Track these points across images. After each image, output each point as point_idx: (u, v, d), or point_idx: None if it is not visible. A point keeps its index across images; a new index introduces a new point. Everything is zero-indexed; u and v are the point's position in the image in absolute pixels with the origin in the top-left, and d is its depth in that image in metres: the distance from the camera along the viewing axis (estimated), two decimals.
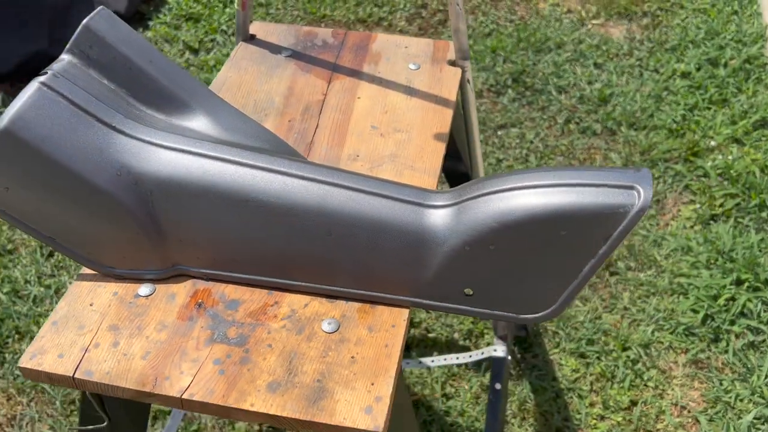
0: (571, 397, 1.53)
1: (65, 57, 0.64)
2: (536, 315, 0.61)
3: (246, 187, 0.62)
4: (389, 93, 0.91)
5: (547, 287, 0.59)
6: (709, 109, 2.19)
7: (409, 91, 0.91)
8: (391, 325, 0.63)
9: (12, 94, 2.16)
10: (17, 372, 1.55)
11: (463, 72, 0.95)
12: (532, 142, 2.15)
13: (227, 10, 2.59)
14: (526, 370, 1.58)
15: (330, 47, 0.99)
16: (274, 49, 0.98)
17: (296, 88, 0.91)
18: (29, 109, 0.59)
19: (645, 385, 1.54)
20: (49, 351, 0.61)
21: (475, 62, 2.44)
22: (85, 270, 0.68)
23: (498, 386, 1.22)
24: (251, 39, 1.00)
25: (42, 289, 1.70)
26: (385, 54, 0.98)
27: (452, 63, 0.96)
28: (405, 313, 0.64)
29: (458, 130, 1.03)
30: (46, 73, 0.62)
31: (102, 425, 0.69)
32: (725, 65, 2.33)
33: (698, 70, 2.33)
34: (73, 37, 0.64)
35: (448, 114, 0.87)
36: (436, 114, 0.87)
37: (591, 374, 1.56)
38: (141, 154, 0.62)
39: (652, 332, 1.63)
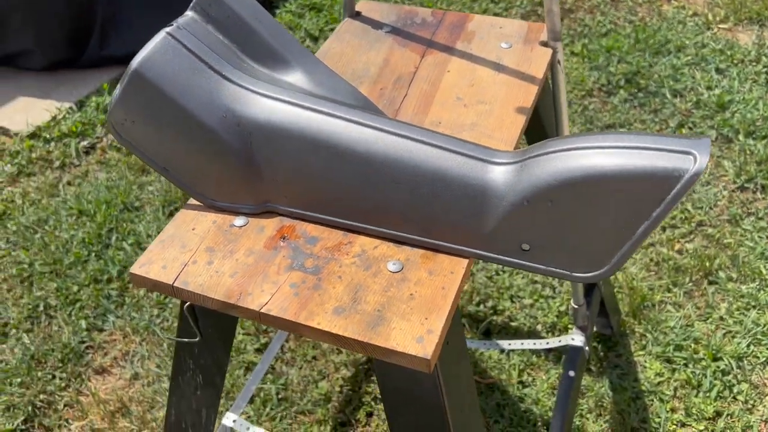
0: (652, 401, 1.50)
1: (189, 13, 0.74)
2: (589, 274, 0.64)
3: (330, 134, 0.70)
4: (478, 68, 0.95)
5: (602, 246, 0.62)
6: None
7: (498, 67, 0.95)
8: (450, 271, 0.69)
9: None
10: (134, 314, 1.73)
11: (554, 52, 0.98)
12: None
13: None
14: (607, 368, 1.56)
15: (428, 25, 1.05)
16: (376, 25, 1.05)
17: (392, 60, 0.98)
18: (156, 53, 0.70)
19: (734, 397, 1.48)
20: (155, 262, 0.72)
21: (589, 61, 2.41)
22: (192, 201, 0.78)
23: (571, 373, 1.23)
24: (357, 15, 1.08)
25: None
26: (479, 33, 1.02)
27: (544, 44, 0.99)
28: (464, 262, 0.69)
29: (547, 110, 1.06)
30: (172, 25, 0.72)
31: (195, 339, 0.79)
32: None
33: None
34: None
35: (533, 90, 0.90)
36: (520, 89, 0.91)
37: (675, 380, 1.52)
38: (244, 100, 0.71)
39: (748, 345, 1.56)
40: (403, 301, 0.66)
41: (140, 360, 1.66)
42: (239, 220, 0.75)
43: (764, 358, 1.54)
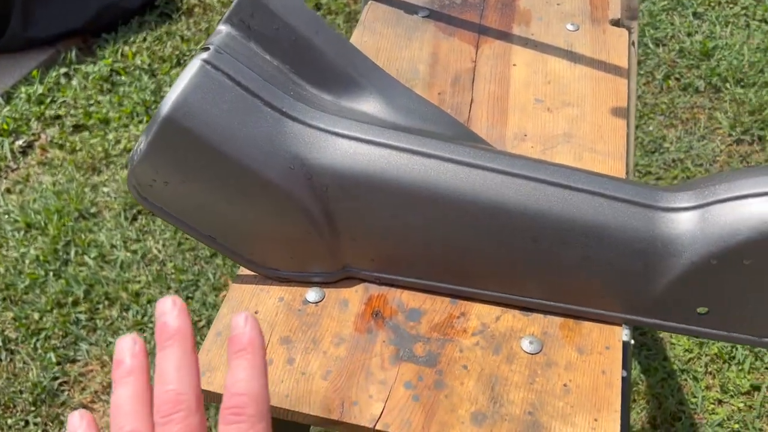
0: (685, 380, 1.44)
1: (223, 28, 0.55)
2: None
3: (437, 182, 0.53)
4: (548, 59, 0.79)
5: None
6: None
7: (572, 56, 0.80)
8: (604, 346, 0.55)
9: (84, 50, 2.10)
10: (110, 339, 1.53)
11: (630, 33, 0.83)
12: None
13: None
14: (634, 349, 1.49)
15: (471, 5, 0.87)
16: (409, 8, 0.87)
17: (441, 54, 0.81)
18: (193, 92, 0.51)
19: (767, 368, 1.44)
20: (219, 368, 0.54)
21: None
22: (243, 270, 0.60)
23: (624, 374, 1.13)
24: None
25: (128, 254, 1.67)
26: (535, 12, 0.86)
27: (615, 23, 0.84)
28: (619, 332, 0.55)
29: None
30: (208, 48, 0.53)
31: None
32: None
33: None
34: (233, 5, 0.54)
35: (623, 85, 0.76)
36: (608, 84, 0.76)
37: (706, 355, 1.46)
38: (315, 144, 0.53)
39: None
40: (557, 397, 0.52)
41: None
42: (313, 294, 0.58)
43: None
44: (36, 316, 1.57)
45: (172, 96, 0.50)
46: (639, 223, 0.51)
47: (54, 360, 1.50)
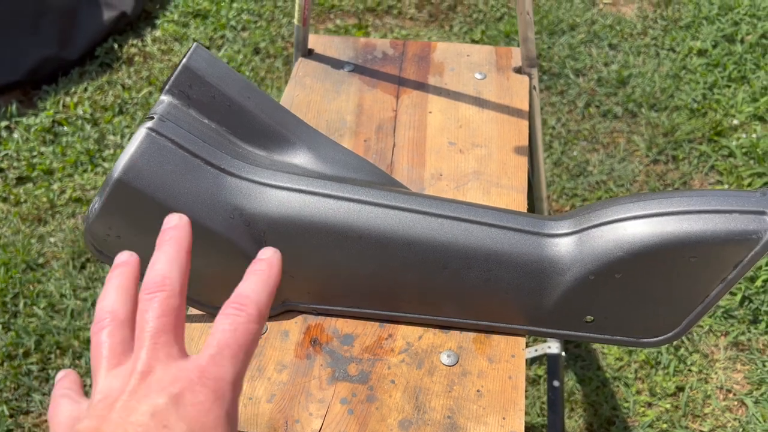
0: (617, 386, 1.55)
1: (165, 98, 0.63)
2: (657, 339, 0.62)
3: (359, 223, 0.62)
4: (460, 105, 0.90)
5: (672, 312, 0.59)
6: (729, 86, 2.19)
7: (480, 102, 0.90)
8: (510, 355, 0.63)
9: (25, 103, 2.13)
10: None
11: (530, 79, 0.94)
12: (554, 128, 2.15)
13: (234, 5, 2.55)
14: (570, 361, 1.59)
15: (391, 59, 0.97)
16: (336, 63, 0.96)
17: (365, 105, 0.90)
18: (140, 156, 0.58)
19: (689, 370, 1.56)
20: None
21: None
22: (192, 311, 0.67)
23: (556, 383, 1.23)
24: (309, 54, 0.98)
25: (78, 302, 1.69)
26: (448, 64, 0.96)
27: (518, 70, 0.95)
28: (522, 342, 0.64)
29: None
30: (152, 117, 0.60)
31: None
32: (742, 41, 2.32)
33: (714, 47, 2.33)
34: (173, 77, 0.62)
35: (524, 125, 0.86)
36: (511, 126, 0.86)
37: (635, 362, 1.58)
38: (252, 195, 0.61)
39: None
40: (471, 401, 0.60)
41: None
42: None
43: (707, 327, 1.63)
44: None
45: (122, 161, 0.58)
46: (529, 248, 0.60)
47: (7, 413, 1.51)
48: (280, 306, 0.66)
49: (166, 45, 2.43)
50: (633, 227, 0.57)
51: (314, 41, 1.00)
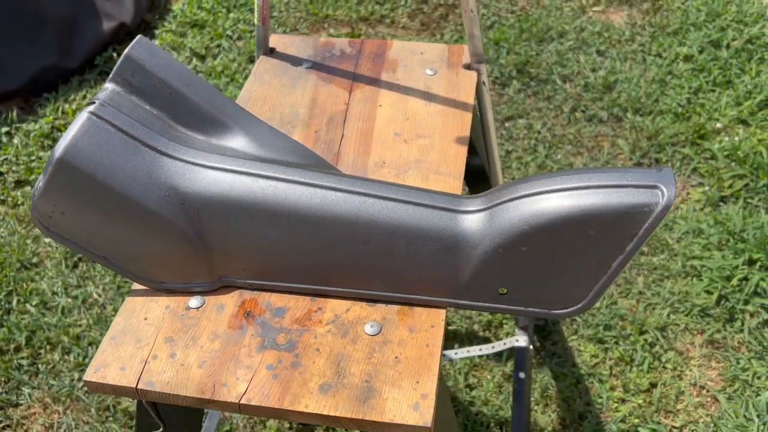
0: (592, 382, 1.57)
1: (109, 86, 0.68)
2: (567, 310, 0.65)
3: (288, 201, 0.66)
4: (409, 99, 0.94)
5: (578, 284, 0.63)
6: (714, 91, 2.22)
7: (428, 96, 0.94)
8: (430, 325, 0.67)
9: (26, 110, 2.20)
10: (52, 382, 1.59)
11: (479, 75, 0.98)
12: (539, 132, 2.18)
13: (231, 15, 2.62)
14: (546, 358, 1.61)
15: (348, 57, 1.02)
16: (295, 61, 1.01)
17: (319, 99, 0.95)
18: (81, 138, 0.63)
19: (663, 367, 1.58)
20: (111, 364, 0.65)
21: None
22: (137, 285, 0.72)
23: (522, 375, 1.26)
24: (271, 52, 1.03)
25: (69, 300, 1.75)
26: (402, 61, 1.01)
27: (467, 66, 0.99)
28: (442, 313, 0.68)
29: (475, 129, 1.06)
30: (94, 102, 0.65)
31: (157, 431, 0.73)
32: (727, 47, 2.35)
33: (701, 52, 2.35)
34: (116, 67, 0.67)
35: (468, 117, 0.90)
36: (455, 118, 0.90)
37: (610, 359, 1.60)
38: (186, 175, 0.66)
39: (668, 315, 1.66)
40: (389, 367, 0.64)
41: (67, 431, 1.54)
42: (195, 301, 0.70)
43: (683, 325, 1.65)
44: None
45: (63, 142, 0.63)
46: (444, 224, 0.64)
47: None
48: (218, 281, 0.70)
49: None
50: (536, 202, 0.61)
51: (276, 41, 1.05)
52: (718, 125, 2.12)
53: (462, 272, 0.65)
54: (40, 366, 1.63)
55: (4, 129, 2.13)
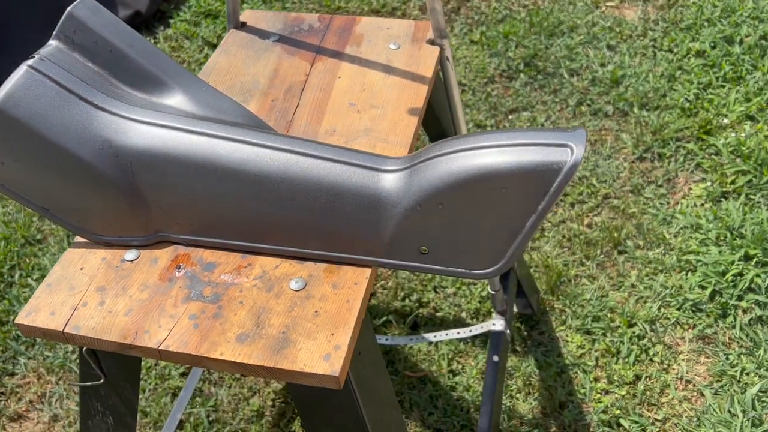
0: (576, 373, 1.55)
1: (52, 42, 0.70)
2: (486, 271, 0.65)
3: (214, 156, 0.67)
4: (369, 72, 0.95)
5: (495, 243, 0.63)
6: (723, 87, 2.18)
7: (388, 69, 0.95)
8: (354, 282, 0.68)
9: None
10: (47, 353, 1.64)
11: (442, 50, 0.98)
12: (543, 125, 2.17)
13: (244, 5, 2.66)
14: (531, 347, 1.60)
15: (315, 31, 1.03)
16: (263, 34, 1.03)
17: (281, 70, 0.96)
18: (18, 89, 0.66)
19: (650, 360, 1.56)
20: (43, 309, 0.68)
21: (488, 48, 2.46)
22: (79, 238, 0.74)
23: (495, 358, 1.26)
24: (242, 26, 1.05)
25: None
26: (367, 36, 1.02)
27: (431, 42, 1.00)
28: (367, 272, 0.69)
29: (441, 106, 1.07)
30: (34, 57, 0.68)
31: (99, 382, 0.76)
32: (740, 42, 2.30)
33: (713, 48, 2.31)
34: (59, 24, 0.70)
35: (423, 90, 0.91)
36: (411, 90, 0.91)
37: (596, 350, 1.58)
38: (120, 129, 0.68)
39: (659, 309, 1.64)
40: (308, 320, 0.65)
41: (58, 400, 1.58)
42: (130, 254, 0.72)
43: (674, 319, 1.62)
44: None
45: (1, 93, 0.65)
46: (366, 181, 0.65)
47: None
48: (153, 236, 0.72)
49: (177, 42, 2.55)
50: (451, 161, 0.61)
51: (248, 15, 1.07)
52: (725, 121, 2.08)
53: (384, 231, 0.66)
54: (36, 338, 1.68)
55: None
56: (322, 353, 0.62)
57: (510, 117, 2.22)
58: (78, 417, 1.53)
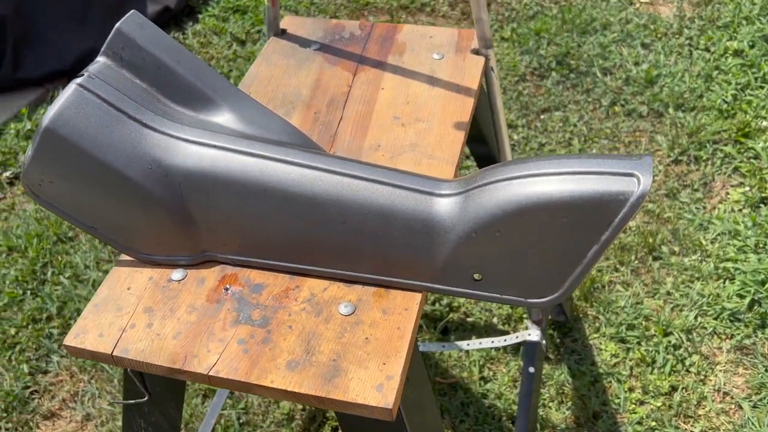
0: (610, 382, 1.53)
1: (100, 59, 0.69)
2: (543, 299, 0.63)
3: (265, 178, 0.66)
4: (412, 83, 0.93)
5: (553, 272, 0.61)
6: (762, 87, 2.12)
7: (432, 80, 0.93)
8: (404, 308, 0.66)
9: None
10: None
11: (487, 60, 0.96)
12: (575, 126, 2.13)
13: None
14: (564, 355, 1.58)
15: (357, 39, 1.02)
16: (304, 42, 1.01)
17: (323, 80, 0.95)
18: (68, 108, 0.65)
19: (687, 370, 1.53)
20: (91, 331, 0.67)
21: (519, 45, 2.42)
22: (124, 256, 0.73)
23: (531, 369, 1.24)
24: (282, 33, 1.04)
25: (100, 274, 1.81)
26: (410, 45, 1.00)
27: (476, 51, 0.97)
28: (418, 297, 0.67)
29: (484, 117, 1.05)
30: (83, 74, 0.67)
31: (143, 399, 0.75)
32: None
33: (752, 47, 2.25)
34: (107, 40, 0.69)
35: (469, 103, 0.89)
36: (457, 103, 0.89)
37: (631, 359, 1.56)
38: (170, 149, 0.67)
39: (695, 317, 1.61)
40: (358, 347, 0.64)
41: (91, 399, 1.59)
42: (177, 274, 0.71)
43: (711, 329, 1.59)
44: (12, 331, 1.71)
45: (50, 112, 0.65)
46: (421, 206, 0.63)
47: (26, 371, 1.63)
48: (200, 256, 0.71)
49: (205, 38, 2.55)
50: (510, 187, 0.59)
51: (288, 22, 1.05)
52: (765, 123, 2.03)
53: (437, 256, 0.64)
54: None
55: None
56: (375, 383, 0.61)
57: (542, 117, 2.19)
58: (110, 417, 1.54)
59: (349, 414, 0.65)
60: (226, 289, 0.70)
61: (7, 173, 2.08)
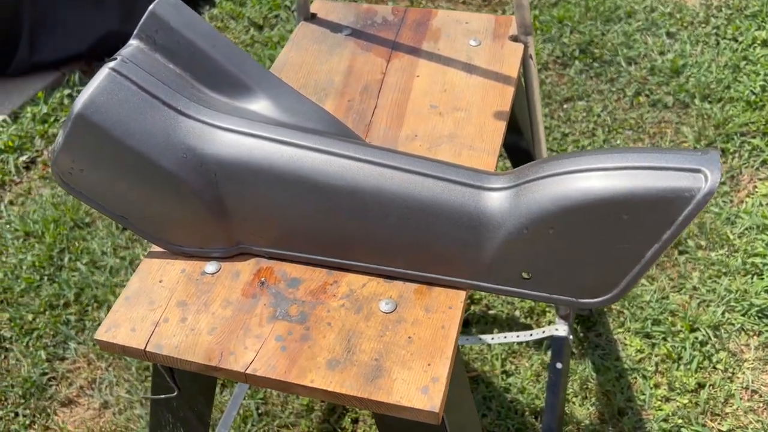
0: (635, 378, 1.50)
1: (133, 42, 0.66)
2: (596, 300, 0.60)
3: (304, 168, 0.63)
4: (449, 71, 0.90)
5: (609, 271, 0.58)
6: None
7: (469, 68, 0.90)
8: (447, 306, 0.64)
9: (88, 73, 2.25)
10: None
11: (526, 48, 0.93)
12: (599, 116, 2.09)
13: None
14: (588, 349, 1.55)
15: (390, 25, 0.98)
16: (335, 27, 0.98)
17: (356, 67, 0.92)
18: (100, 94, 0.62)
19: (714, 367, 1.50)
20: (123, 325, 0.65)
21: (541, 33, 2.37)
22: (155, 247, 0.71)
23: (559, 365, 1.21)
24: (312, 18, 1.00)
25: (117, 260, 1.79)
26: (445, 30, 0.96)
27: (514, 38, 0.94)
28: (462, 295, 0.65)
29: (520, 107, 1.01)
30: (116, 58, 0.64)
31: (172, 395, 0.73)
32: None
33: None
34: (140, 23, 0.66)
35: (509, 92, 0.86)
36: (496, 92, 0.86)
37: (656, 355, 1.53)
38: (205, 137, 0.64)
39: (723, 313, 1.57)
40: (401, 346, 0.61)
41: (108, 387, 1.58)
42: (211, 266, 0.69)
43: (739, 325, 1.56)
44: (30, 317, 1.69)
45: (82, 97, 0.62)
46: (468, 200, 0.60)
47: (44, 357, 1.62)
48: (235, 248, 0.69)
49: (222, 22, 2.51)
50: (566, 182, 0.56)
51: (318, 6, 1.02)
52: None
53: (484, 253, 0.61)
54: (86, 322, 1.68)
55: (66, 91, 2.19)
56: (420, 385, 0.58)
57: (565, 106, 2.15)
58: (128, 405, 1.52)
59: (388, 416, 0.62)
60: (262, 283, 0.67)
61: (24, 157, 2.06)
